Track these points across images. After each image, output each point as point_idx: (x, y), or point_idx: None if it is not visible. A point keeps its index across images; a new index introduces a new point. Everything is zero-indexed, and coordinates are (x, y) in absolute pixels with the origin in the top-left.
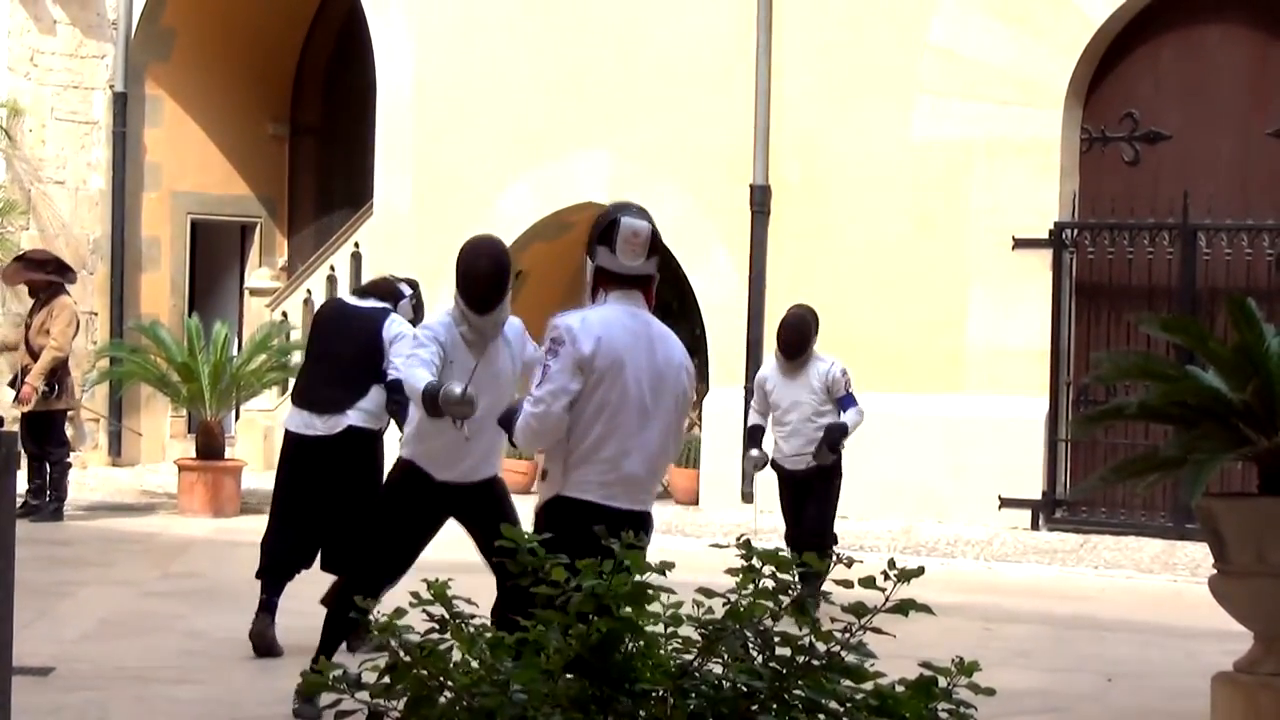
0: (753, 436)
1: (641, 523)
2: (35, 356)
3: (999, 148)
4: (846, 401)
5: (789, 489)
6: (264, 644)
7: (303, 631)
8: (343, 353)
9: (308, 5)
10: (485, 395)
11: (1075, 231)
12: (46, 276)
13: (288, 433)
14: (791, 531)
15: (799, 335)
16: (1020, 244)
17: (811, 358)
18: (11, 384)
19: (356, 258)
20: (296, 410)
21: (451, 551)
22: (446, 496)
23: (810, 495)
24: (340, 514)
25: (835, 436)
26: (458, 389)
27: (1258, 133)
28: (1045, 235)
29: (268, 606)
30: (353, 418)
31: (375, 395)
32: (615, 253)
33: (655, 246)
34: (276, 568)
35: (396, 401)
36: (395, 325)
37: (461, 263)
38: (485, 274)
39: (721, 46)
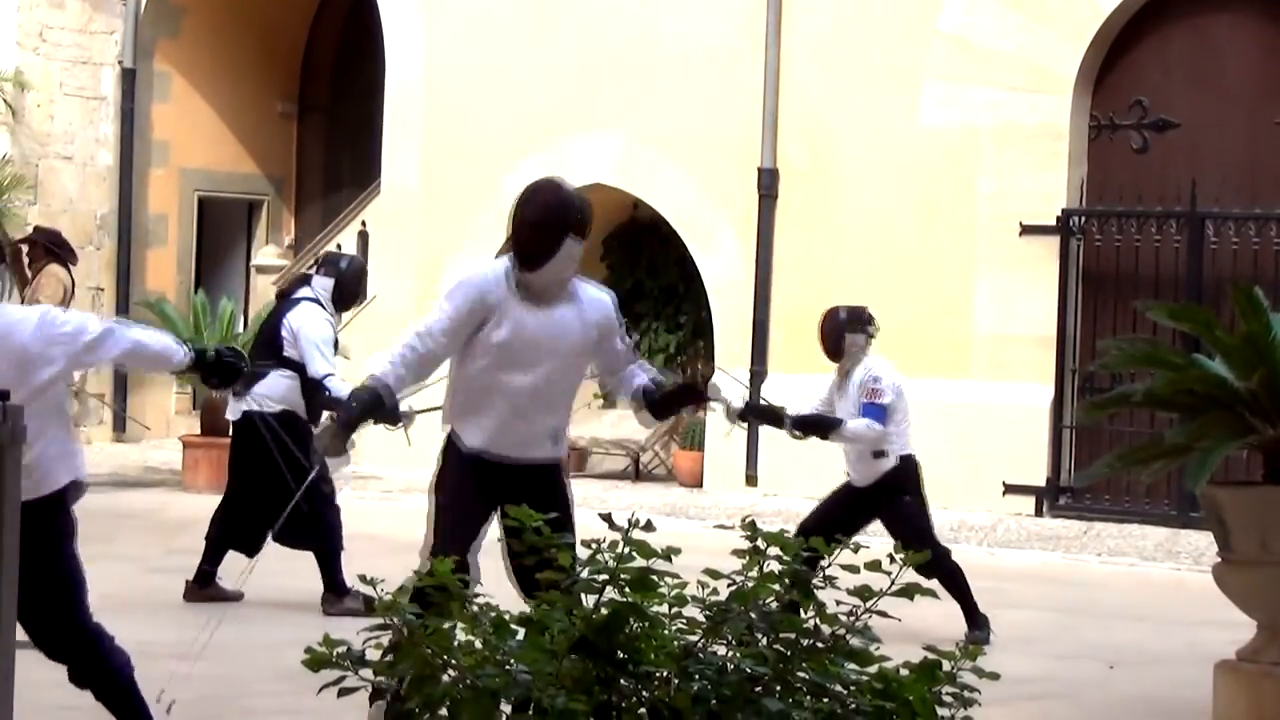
0: (764, 405)
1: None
2: None
3: (1007, 134)
4: (865, 410)
5: (847, 496)
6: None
7: (301, 607)
8: (257, 342)
9: None
10: (544, 365)
11: (1083, 219)
12: (42, 242)
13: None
14: (810, 524)
15: (824, 336)
16: (1027, 230)
17: (857, 361)
18: None
19: (364, 236)
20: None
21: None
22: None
23: (882, 514)
24: (267, 493)
25: (807, 421)
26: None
27: (1267, 121)
28: (1053, 222)
29: (200, 574)
30: (249, 403)
31: (272, 380)
32: None
33: None
34: (215, 542)
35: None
36: (297, 317)
37: (515, 207)
38: (530, 222)
39: (731, 30)
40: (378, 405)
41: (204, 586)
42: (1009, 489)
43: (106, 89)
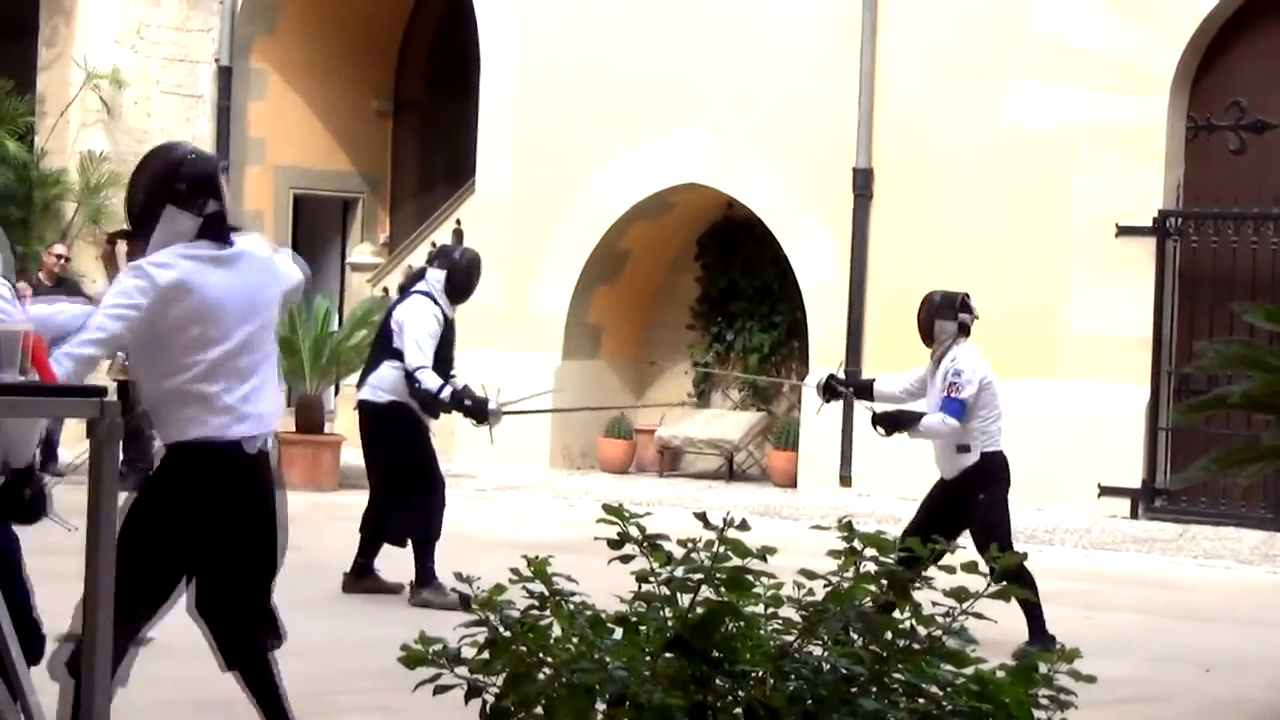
0: (859, 383)
1: None
2: None
3: (1103, 134)
4: (943, 404)
5: (941, 492)
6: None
7: (391, 604)
8: (377, 335)
9: None
10: None
11: (1179, 220)
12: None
13: None
14: (913, 526)
15: (920, 319)
16: (1124, 231)
17: (949, 349)
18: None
19: (458, 234)
20: None
21: (549, 530)
22: None
23: (962, 510)
24: (377, 480)
25: (889, 418)
26: None
27: None
28: (1149, 223)
29: (356, 566)
30: (363, 392)
31: (383, 370)
32: None
33: None
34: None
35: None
36: (404, 310)
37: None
38: (138, 191)
39: (826, 28)
40: None
41: (360, 578)
42: (1104, 491)
43: (203, 87)
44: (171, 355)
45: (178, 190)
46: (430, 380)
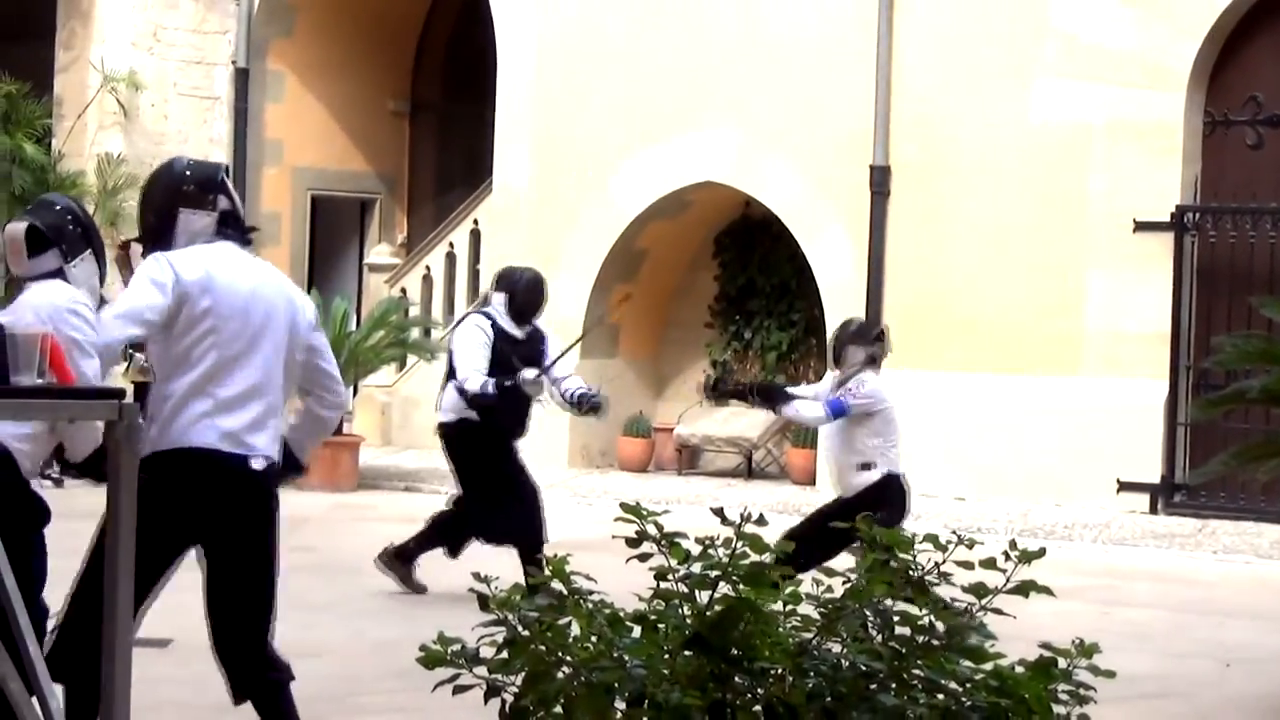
0: (762, 390)
1: None
2: None
3: (1120, 130)
4: (830, 401)
5: (835, 508)
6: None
7: (414, 604)
8: None
9: None
10: None
11: (1197, 215)
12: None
13: None
14: (797, 533)
15: (833, 341)
16: (1141, 227)
17: (854, 375)
18: (123, 356)
19: (475, 235)
20: None
21: (568, 529)
22: None
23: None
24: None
25: (762, 388)
26: None
27: None
28: (1166, 219)
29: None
30: (438, 416)
31: (447, 392)
32: None
33: (40, 242)
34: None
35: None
36: (456, 332)
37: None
38: (149, 208)
39: (842, 26)
40: None
41: (398, 557)
42: (1123, 486)
43: (220, 89)
44: (184, 349)
45: (187, 192)
46: (474, 385)
